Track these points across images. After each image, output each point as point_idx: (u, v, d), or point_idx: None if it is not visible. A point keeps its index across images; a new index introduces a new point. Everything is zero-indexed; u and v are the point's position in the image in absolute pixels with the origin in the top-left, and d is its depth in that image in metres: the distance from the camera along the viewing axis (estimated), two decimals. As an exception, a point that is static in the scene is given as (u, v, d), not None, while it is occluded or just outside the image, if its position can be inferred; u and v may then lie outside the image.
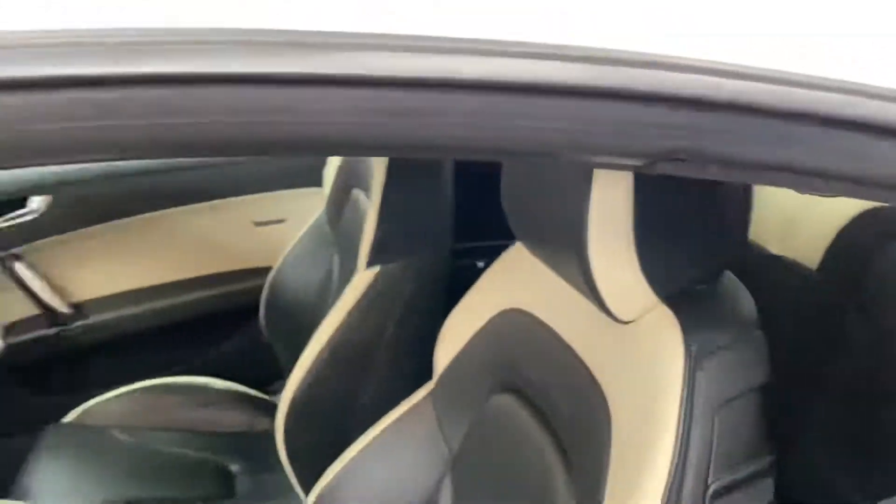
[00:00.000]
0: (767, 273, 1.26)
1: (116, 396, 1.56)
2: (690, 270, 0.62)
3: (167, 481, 1.40)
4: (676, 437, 0.56)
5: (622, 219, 0.59)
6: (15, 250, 1.59)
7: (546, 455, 0.73)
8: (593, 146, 0.39)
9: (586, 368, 0.68)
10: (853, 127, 0.38)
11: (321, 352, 1.19)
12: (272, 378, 1.70)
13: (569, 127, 0.38)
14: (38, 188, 1.61)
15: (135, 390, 1.57)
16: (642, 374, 0.61)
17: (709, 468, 0.56)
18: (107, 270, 1.70)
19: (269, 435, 1.47)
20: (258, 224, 1.79)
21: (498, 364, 0.84)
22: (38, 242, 1.61)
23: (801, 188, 0.41)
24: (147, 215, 1.70)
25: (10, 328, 1.58)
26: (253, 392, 1.65)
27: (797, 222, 1.19)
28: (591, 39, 0.37)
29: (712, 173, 0.39)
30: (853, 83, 0.38)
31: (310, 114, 0.32)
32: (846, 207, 1.09)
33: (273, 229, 1.77)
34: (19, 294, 1.61)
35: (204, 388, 1.62)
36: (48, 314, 1.64)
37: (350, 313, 1.18)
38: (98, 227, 1.66)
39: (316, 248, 1.57)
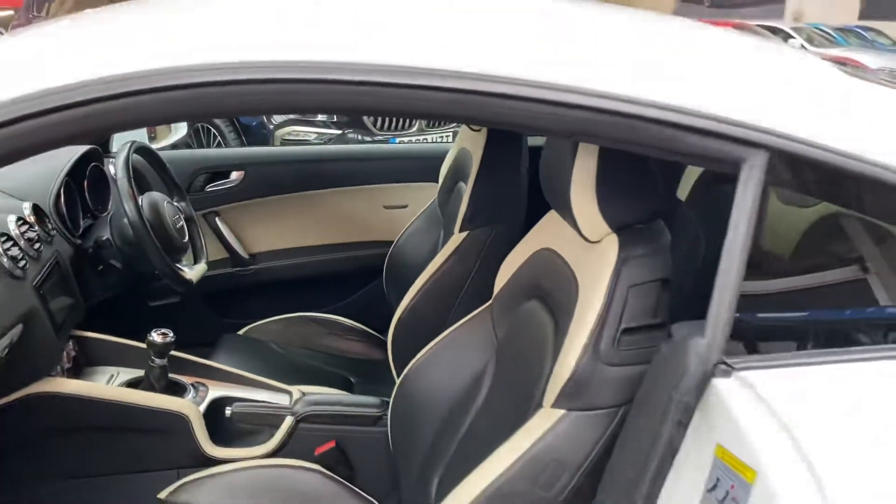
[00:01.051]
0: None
1: (275, 321, 2.11)
2: (629, 214, 1.07)
3: (305, 381, 1.92)
4: (604, 300, 1.02)
5: (589, 180, 1.05)
6: (216, 208, 2.22)
7: (547, 330, 1.19)
8: (550, 128, 0.86)
9: (571, 271, 1.14)
10: (646, 120, 0.83)
11: (422, 287, 1.70)
12: (387, 325, 2.20)
13: (536, 116, 0.85)
14: (237, 165, 2.23)
15: (288, 318, 2.12)
16: (594, 268, 1.06)
17: (622, 317, 1.01)
18: (276, 231, 2.29)
19: (382, 363, 1.98)
20: (387, 207, 2.33)
21: (531, 283, 1.30)
22: (232, 205, 2.23)
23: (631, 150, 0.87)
24: (308, 192, 2.28)
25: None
26: (372, 332, 2.17)
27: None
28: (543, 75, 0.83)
29: (593, 141, 0.86)
30: (644, 98, 0.83)
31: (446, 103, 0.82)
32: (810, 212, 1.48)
33: (397, 212, 2.31)
34: (215, 241, 2.23)
35: (338, 324, 2.15)
36: (233, 258, 2.25)
37: (445, 262, 1.69)
38: (273, 198, 2.26)
39: (428, 226, 2.07)
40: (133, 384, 1.59)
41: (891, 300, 1.18)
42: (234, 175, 2.22)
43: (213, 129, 4.89)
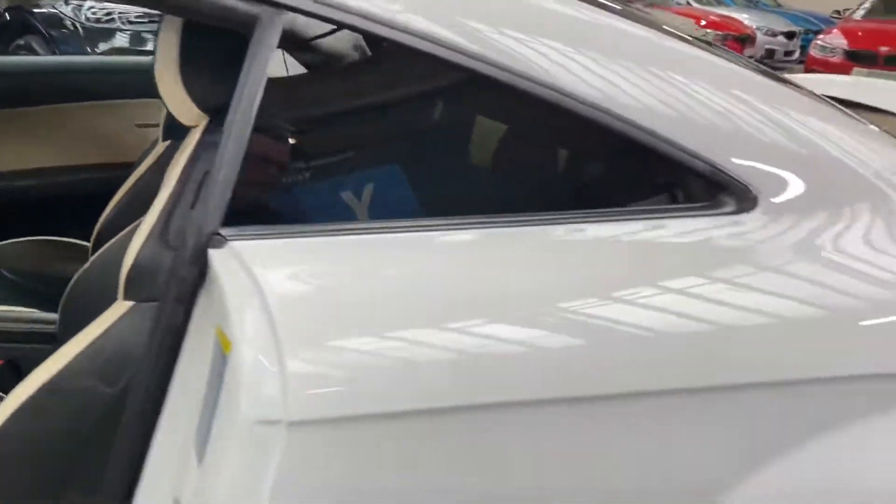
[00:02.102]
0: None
1: (10, 244, 1.97)
2: (220, 95, 1.01)
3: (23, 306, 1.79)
4: (177, 184, 0.96)
5: (173, 58, 0.99)
6: (-55, 124, 2.03)
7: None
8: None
9: None
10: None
11: (122, 198, 1.61)
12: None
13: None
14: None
15: (25, 241, 1.97)
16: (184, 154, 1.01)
17: (199, 189, 0.96)
18: (16, 149, 2.12)
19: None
20: (139, 126, 2.19)
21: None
22: (-37, 120, 2.04)
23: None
24: (52, 106, 2.11)
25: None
26: (120, 257, 2.05)
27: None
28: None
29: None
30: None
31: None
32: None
33: (151, 131, 2.17)
34: (-55, 157, 2.05)
35: (78, 247, 2.02)
36: (-35, 178, 2.08)
37: (145, 173, 1.60)
38: (12, 111, 2.08)
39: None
40: None
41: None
42: (-38, 86, 2.04)
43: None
